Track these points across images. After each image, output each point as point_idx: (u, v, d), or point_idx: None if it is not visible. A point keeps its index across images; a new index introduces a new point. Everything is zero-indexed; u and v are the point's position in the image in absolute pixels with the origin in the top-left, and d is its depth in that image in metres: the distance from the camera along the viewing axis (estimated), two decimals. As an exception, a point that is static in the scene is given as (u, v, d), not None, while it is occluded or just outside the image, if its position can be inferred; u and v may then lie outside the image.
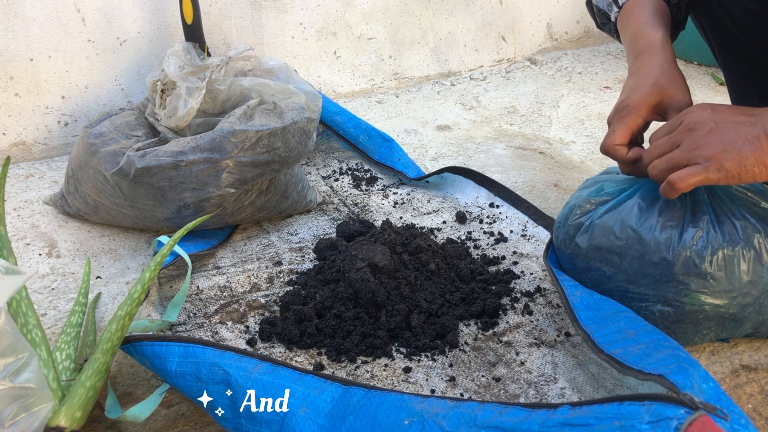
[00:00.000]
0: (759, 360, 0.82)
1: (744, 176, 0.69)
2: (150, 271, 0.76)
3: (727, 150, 0.69)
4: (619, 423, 0.53)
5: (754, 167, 0.68)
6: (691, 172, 0.71)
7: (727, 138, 0.70)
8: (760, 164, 0.68)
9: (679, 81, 0.82)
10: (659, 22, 0.86)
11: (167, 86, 1.08)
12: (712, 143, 0.70)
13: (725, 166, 0.69)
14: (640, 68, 0.84)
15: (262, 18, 1.56)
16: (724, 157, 0.69)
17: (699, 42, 1.89)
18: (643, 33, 0.86)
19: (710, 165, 0.69)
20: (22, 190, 1.25)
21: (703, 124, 0.72)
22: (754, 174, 0.69)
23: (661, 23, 0.86)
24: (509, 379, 0.80)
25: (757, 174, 0.69)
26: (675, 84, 0.81)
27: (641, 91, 0.81)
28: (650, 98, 0.81)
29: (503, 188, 1.19)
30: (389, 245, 0.95)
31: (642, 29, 0.86)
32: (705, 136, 0.71)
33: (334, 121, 1.35)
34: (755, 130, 0.69)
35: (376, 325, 0.86)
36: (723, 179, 0.70)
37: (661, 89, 0.81)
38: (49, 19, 1.31)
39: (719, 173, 0.69)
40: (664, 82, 0.81)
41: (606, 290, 0.83)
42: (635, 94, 0.82)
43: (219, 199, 1.01)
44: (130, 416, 0.69)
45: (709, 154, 0.70)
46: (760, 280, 0.77)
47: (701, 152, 0.70)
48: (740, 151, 0.68)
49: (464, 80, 1.88)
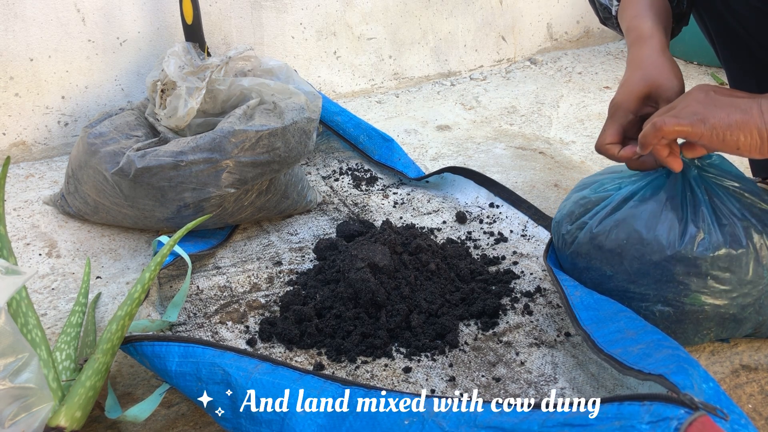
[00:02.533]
0: (759, 360, 0.82)
1: (728, 139, 0.69)
2: (150, 271, 0.76)
3: (717, 112, 0.69)
4: (619, 423, 0.53)
5: (740, 133, 0.68)
6: (677, 120, 0.71)
7: (719, 103, 0.70)
8: (746, 131, 0.68)
9: (666, 68, 0.81)
10: (650, 14, 0.85)
11: (167, 86, 1.08)
12: (703, 104, 0.71)
13: (711, 122, 0.69)
14: (630, 62, 0.84)
15: (262, 18, 1.56)
16: (712, 115, 0.69)
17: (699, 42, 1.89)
18: (634, 26, 0.86)
19: (697, 119, 0.70)
20: (22, 190, 1.25)
21: (698, 92, 0.73)
22: (738, 140, 0.69)
23: (651, 14, 0.85)
24: (509, 379, 0.80)
25: (742, 142, 0.69)
26: (662, 73, 0.80)
27: (629, 86, 0.81)
28: (637, 92, 0.80)
29: (503, 188, 1.19)
30: (389, 245, 0.95)
31: (633, 22, 0.86)
32: (697, 100, 0.71)
33: (334, 121, 1.35)
34: (750, 103, 0.69)
35: (376, 325, 0.86)
36: (707, 136, 0.69)
37: (647, 80, 0.80)
38: (49, 19, 1.31)
39: (704, 127, 0.69)
40: (651, 72, 0.80)
41: (606, 290, 0.83)
42: (622, 91, 0.82)
43: (219, 199, 1.01)
44: (130, 416, 0.69)
45: (698, 110, 0.70)
46: (760, 280, 0.77)
47: (691, 109, 0.71)
48: (729, 114, 0.69)
49: (464, 80, 1.88)
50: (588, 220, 0.86)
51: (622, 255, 0.81)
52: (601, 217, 0.84)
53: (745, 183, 0.82)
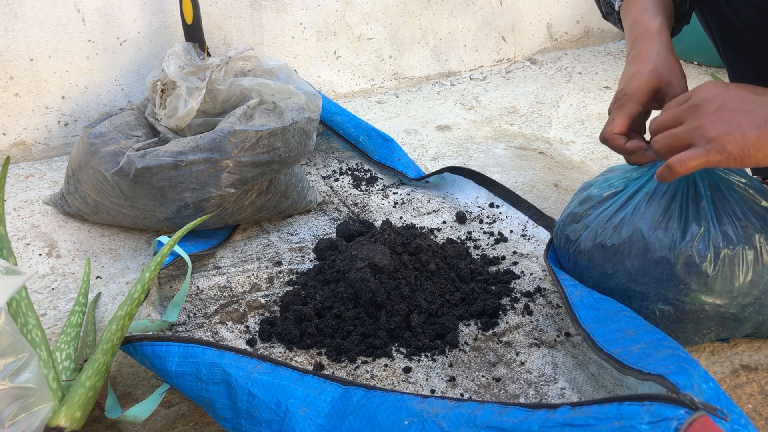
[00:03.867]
0: (759, 360, 0.82)
1: (746, 160, 0.66)
2: (150, 271, 0.76)
3: (731, 132, 0.66)
4: (619, 423, 0.53)
5: (758, 152, 0.66)
6: (692, 155, 0.68)
7: (733, 120, 0.67)
8: (764, 149, 0.66)
9: (676, 68, 0.80)
10: (659, 11, 0.85)
11: (167, 86, 1.08)
12: (716, 124, 0.67)
13: (727, 149, 0.66)
14: (637, 54, 0.83)
15: (262, 18, 1.56)
16: (727, 140, 0.66)
17: (699, 42, 1.89)
18: (642, 19, 0.85)
19: (711, 147, 0.67)
20: (22, 190, 1.25)
21: (711, 102, 0.69)
22: (757, 159, 0.66)
23: (661, 11, 0.85)
24: (509, 379, 0.80)
25: (761, 159, 0.66)
26: (672, 71, 0.80)
27: (639, 78, 0.80)
28: (648, 85, 0.80)
29: (503, 188, 1.19)
30: (389, 245, 0.95)
31: (641, 16, 0.86)
32: (710, 115, 0.68)
33: (334, 121, 1.35)
34: (764, 113, 0.66)
35: (376, 325, 0.86)
36: (724, 162, 0.67)
37: (659, 75, 0.79)
38: (49, 19, 1.31)
39: (720, 156, 0.66)
40: (662, 69, 0.80)
41: (607, 289, 0.84)
42: (634, 82, 0.80)
43: (219, 199, 1.01)
44: (130, 416, 0.69)
45: (711, 135, 0.67)
46: (761, 280, 0.77)
47: (704, 132, 0.68)
48: (744, 134, 0.66)
49: (464, 80, 1.88)
50: (592, 219, 0.86)
51: (624, 253, 0.81)
52: (606, 217, 0.84)
53: (750, 179, 0.82)
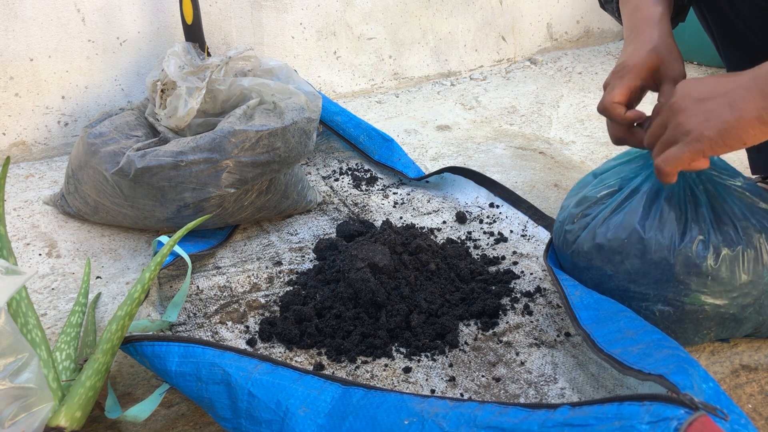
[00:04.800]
0: (759, 360, 0.82)
1: (731, 141, 0.67)
2: (150, 271, 0.76)
3: (707, 119, 0.68)
4: (619, 423, 0.53)
5: (740, 131, 0.66)
6: (673, 152, 0.70)
7: (705, 107, 0.68)
8: (744, 127, 0.66)
9: (675, 52, 0.81)
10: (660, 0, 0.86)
11: (167, 86, 1.08)
12: (692, 116, 0.69)
13: (705, 134, 0.68)
14: (637, 36, 0.83)
15: (262, 18, 1.56)
16: (703, 127, 0.68)
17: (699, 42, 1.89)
18: (643, 6, 0.86)
19: (690, 138, 0.69)
20: (22, 190, 1.25)
21: (685, 98, 0.71)
22: (742, 138, 0.67)
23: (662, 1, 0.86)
24: (509, 379, 0.80)
25: (748, 137, 0.67)
26: (672, 53, 0.81)
27: (640, 54, 0.81)
28: (649, 62, 0.80)
29: (503, 188, 1.19)
30: (389, 245, 0.95)
31: (642, 3, 0.87)
32: (685, 111, 0.70)
33: (334, 121, 1.35)
34: (736, 91, 0.67)
35: (376, 325, 0.86)
36: (708, 149, 0.68)
37: (659, 55, 0.80)
38: (49, 19, 1.31)
39: (701, 143, 0.68)
40: (662, 50, 0.81)
41: (606, 289, 0.83)
42: (634, 57, 0.81)
43: (219, 199, 1.01)
44: (130, 416, 0.69)
45: (688, 127, 0.69)
46: (760, 280, 0.77)
47: (682, 128, 0.70)
48: (720, 117, 0.67)
49: (464, 80, 1.88)
50: (590, 219, 0.86)
51: (623, 254, 0.81)
52: (603, 217, 0.84)
53: (746, 182, 0.82)
